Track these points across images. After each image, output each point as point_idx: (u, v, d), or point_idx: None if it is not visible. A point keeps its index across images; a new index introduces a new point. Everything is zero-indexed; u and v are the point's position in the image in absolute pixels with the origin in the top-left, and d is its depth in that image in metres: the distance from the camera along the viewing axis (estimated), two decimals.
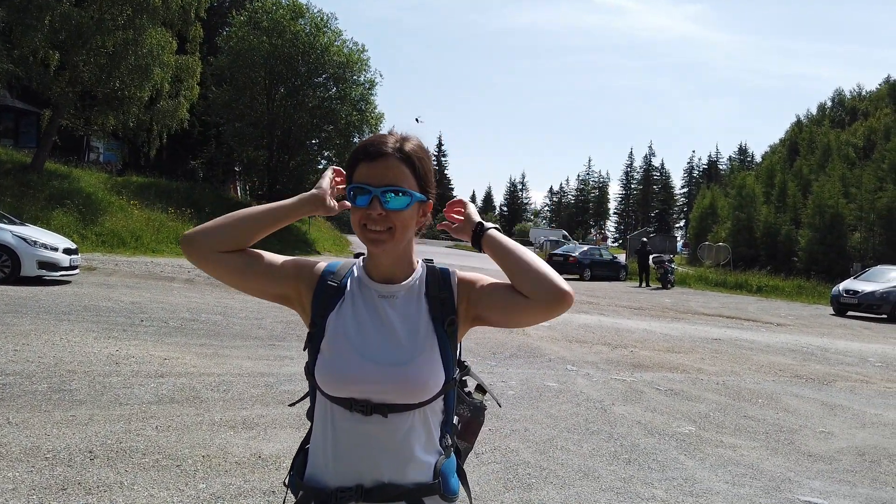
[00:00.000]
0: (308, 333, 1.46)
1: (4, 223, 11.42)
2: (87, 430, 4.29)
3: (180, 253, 20.83)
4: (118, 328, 7.90)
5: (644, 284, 25.55)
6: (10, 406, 4.65)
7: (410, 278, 1.46)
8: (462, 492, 1.49)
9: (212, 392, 5.52)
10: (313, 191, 1.50)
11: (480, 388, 1.61)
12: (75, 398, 4.99)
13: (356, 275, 1.49)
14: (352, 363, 1.37)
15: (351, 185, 1.38)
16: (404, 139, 1.41)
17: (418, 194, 1.40)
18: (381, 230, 1.37)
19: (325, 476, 1.39)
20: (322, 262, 1.53)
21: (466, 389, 1.56)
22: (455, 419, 1.52)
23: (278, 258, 1.52)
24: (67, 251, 11.59)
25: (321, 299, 1.45)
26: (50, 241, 11.52)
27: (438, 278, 1.48)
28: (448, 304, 1.45)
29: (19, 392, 5.00)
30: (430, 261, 1.56)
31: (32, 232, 11.65)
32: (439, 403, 1.43)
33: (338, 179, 1.54)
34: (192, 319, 9.07)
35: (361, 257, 1.53)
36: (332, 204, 1.50)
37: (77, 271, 11.90)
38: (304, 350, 1.45)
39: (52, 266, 11.19)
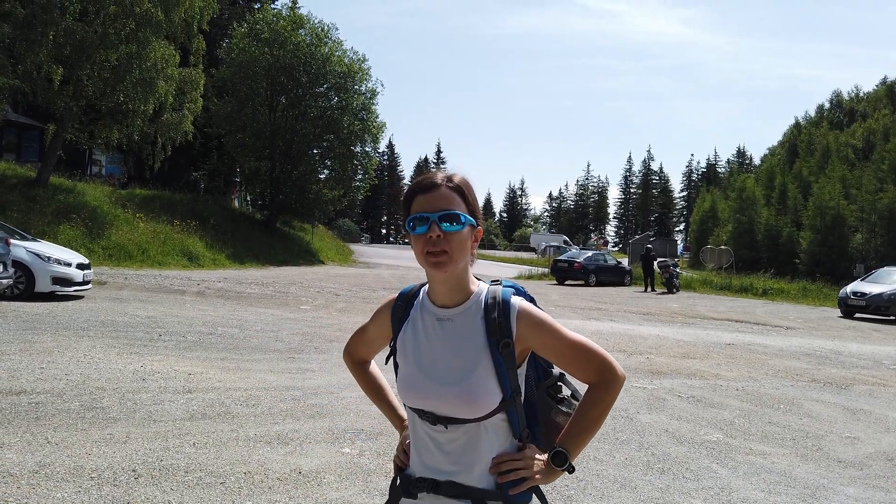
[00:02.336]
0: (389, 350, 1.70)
1: (17, 239, 11.43)
2: (127, 448, 4.30)
3: (187, 265, 20.96)
4: (138, 343, 7.91)
5: (649, 289, 25.58)
6: (47, 425, 4.67)
7: (468, 301, 1.58)
8: (536, 501, 1.58)
9: (241, 407, 5.53)
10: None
11: (575, 396, 1.70)
12: (109, 416, 5.00)
13: (421, 298, 1.66)
14: (417, 380, 1.57)
15: (410, 217, 1.53)
16: (451, 174, 1.58)
17: (471, 218, 1.54)
18: (441, 251, 1.49)
19: (413, 466, 1.62)
20: (394, 294, 1.72)
21: (560, 395, 1.69)
22: (526, 432, 1.59)
23: (370, 336, 1.80)
24: (80, 266, 11.60)
25: (395, 322, 1.68)
26: (63, 256, 11.54)
27: (498, 303, 1.56)
28: (504, 329, 1.53)
29: (53, 411, 5.01)
30: (498, 281, 1.65)
31: (45, 248, 11.66)
32: (501, 416, 1.53)
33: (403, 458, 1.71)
34: (210, 333, 9.08)
35: None
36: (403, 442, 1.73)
37: (90, 286, 11.92)
38: (386, 364, 1.74)
39: (66, 282, 11.20)
